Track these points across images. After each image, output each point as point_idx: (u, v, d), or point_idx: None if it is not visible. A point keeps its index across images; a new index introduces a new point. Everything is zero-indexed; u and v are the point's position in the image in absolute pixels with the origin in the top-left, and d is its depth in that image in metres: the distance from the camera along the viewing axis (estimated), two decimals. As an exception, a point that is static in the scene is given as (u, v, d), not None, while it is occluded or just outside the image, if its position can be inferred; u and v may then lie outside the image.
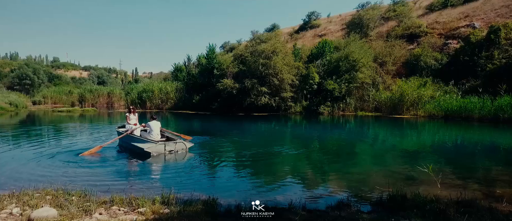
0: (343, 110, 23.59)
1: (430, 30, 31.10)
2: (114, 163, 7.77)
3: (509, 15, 27.90)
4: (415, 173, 6.37)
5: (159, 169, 7.40)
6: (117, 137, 9.83)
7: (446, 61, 24.99)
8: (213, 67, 27.62)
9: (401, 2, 39.24)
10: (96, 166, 7.31)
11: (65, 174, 6.38)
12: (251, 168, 7.41)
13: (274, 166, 7.67)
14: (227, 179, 6.29)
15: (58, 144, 10.48)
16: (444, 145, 10.55)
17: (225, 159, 8.30)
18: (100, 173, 6.55)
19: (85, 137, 12.39)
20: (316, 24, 48.01)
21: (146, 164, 7.69)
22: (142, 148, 8.25)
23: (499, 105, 15.27)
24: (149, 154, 8.17)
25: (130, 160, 8.09)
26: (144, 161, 7.88)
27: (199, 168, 7.22)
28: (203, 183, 5.92)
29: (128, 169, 7.32)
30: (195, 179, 6.14)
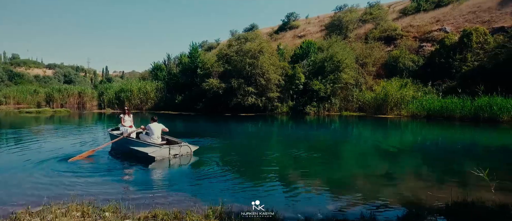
0: (328, 110, 23.95)
1: (405, 33, 32.51)
2: (114, 169, 7.17)
3: (475, 20, 29.81)
4: (448, 176, 6.45)
5: (171, 175, 6.89)
6: (111, 140, 9.11)
7: (423, 63, 26.22)
8: (197, 66, 26.89)
9: (376, 5, 40.76)
10: (96, 173, 6.68)
11: (63, 184, 5.74)
12: (268, 172, 7.14)
13: (298, 171, 7.47)
14: (254, 185, 5.98)
15: (41, 149, 9.52)
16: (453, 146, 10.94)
17: (233, 163, 7.96)
18: (104, 182, 5.96)
19: (70, 141, 11.41)
20: (295, 25, 48.52)
21: (152, 170, 7.17)
22: (145, 153, 7.71)
23: (478, 105, 16.21)
24: (153, 158, 7.65)
25: (131, 166, 7.50)
26: (148, 167, 7.34)
27: (214, 173, 6.82)
28: (230, 189, 5.59)
29: (135, 176, 6.78)
30: (219, 186, 5.76)
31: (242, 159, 8.44)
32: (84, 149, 9.34)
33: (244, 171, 7.04)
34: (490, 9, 30.63)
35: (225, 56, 24.99)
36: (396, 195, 5.33)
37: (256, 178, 6.47)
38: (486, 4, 31.50)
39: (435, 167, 7.63)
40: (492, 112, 15.40)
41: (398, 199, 5.09)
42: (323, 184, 6.15)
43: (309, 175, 6.95)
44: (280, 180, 6.35)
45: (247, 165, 7.78)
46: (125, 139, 8.78)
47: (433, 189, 5.48)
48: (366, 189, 5.77)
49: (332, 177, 6.80)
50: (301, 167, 7.76)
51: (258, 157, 8.89)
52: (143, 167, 7.33)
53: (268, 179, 6.35)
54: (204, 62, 26.78)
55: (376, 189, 5.80)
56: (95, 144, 10.52)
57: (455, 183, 5.99)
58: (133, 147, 8.29)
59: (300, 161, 8.35)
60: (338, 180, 6.61)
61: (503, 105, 15.19)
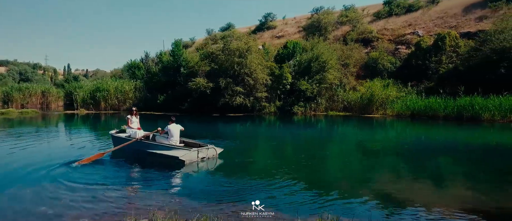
0: (314, 110, 24.27)
1: (380, 36, 33.96)
2: (141, 176, 6.55)
3: (443, 25, 31.94)
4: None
5: (214, 182, 6.32)
6: (122, 144, 8.34)
7: (400, 64, 27.56)
8: (180, 65, 25.87)
9: (351, 8, 42.20)
10: (124, 182, 6.05)
11: (88, 199, 5.06)
12: (300, 175, 6.94)
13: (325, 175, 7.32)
14: (298, 190, 5.75)
15: (33, 156, 8.50)
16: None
17: (261, 165, 7.69)
18: (137, 194, 5.39)
19: (64, 144, 10.33)
20: (273, 25, 48.73)
21: (188, 176, 6.73)
22: (175, 157, 7.21)
23: (460, 105, 17.33)
24: (183, 162, 7.19)
25: (158, 171, 6.99)
26: (177, 171, 6.88)
27: (254, 177, 6.49)
28: (290, 196, 5.31)
29: (175, 183, 6.25)
30: (281, 192, 5.44)
31: (277, 163, 8.18)
32: (84, 153, 8.48)
33: (299, 176, 6.73)
34: (456, 15, 33.01)
35: (211, 55, 24.32)
36: (397, 196, 5.49)
37: (321, 186, 6.23)
38: (452, 11, 33.93)
39: (417, 165, 8.04)
40: (474, 111, 16.55)
41: (400, 200, 5.23)
42: (326, 184, 6.19)
43: (315, 176, 6.91)
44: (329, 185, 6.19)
45: (292, 169, 7.45)
46: (142, 142, 8.19)
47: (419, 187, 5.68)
48: (360, 189, 5.91)
49: (336, 177, 6.91)
50: (311, 169, 7.70)
51: (299, 162, 8.63)
52: (172, 172, 6.86)
53: (334, 187, 6.16)
54: (188, 61, 25.86)
55: (374, 188, 5.94)
56: (95, 147, 9.62)
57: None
58: (155, 151, 7.75)
59: (313, 163, 8.28)
60: (340, 180, 6.69)
61: (484, 105, 16.40)
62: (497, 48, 18.48)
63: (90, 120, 20.96)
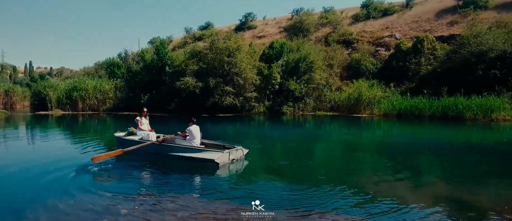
0: (302, 110, 24.47)
1: (360, 38, 35.07)
2: (170, 182, 6.10)
3: (418, 29, 33.65)
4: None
5: (265, 187, 5.96)
6: (143, 144, 7.80)
7: (381, 65, 28.61)
8: (165, 63, 24.89)
9: (331, 10, 43.23)
10: (156, 188, 5.60)
11: (133, 209, 4.62)
12: (333, 177, 6.86)
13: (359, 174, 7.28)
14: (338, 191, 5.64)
15: (34, 158, 7.76)
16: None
17: (290, 168, 7.55)
18: (188, 203, 5.01)
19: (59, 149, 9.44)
20: (253, 25, 48.64)
21: (229, 179, 6.43)
22: (211, 159, 6.97)
23: (445, 105, 18.28)
24: (218, 165, 6.94)
25: (193, 175, 6.67)
26: (216, 175, 6.65)
27: (290, 180, 6.30)
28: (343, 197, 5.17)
29: (231, 189, 5.85)
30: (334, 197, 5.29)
31: (299, 164, 7.99)
32: (83, 158, 7.80)
33: (326, 178, 6.62)
34: (429, 19, 34.91)
35: (199, 54, 23.66)
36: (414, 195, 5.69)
37: (363, 188, 6.13)
38: (425, 15, 35.86)
39: (401, 162, 8.33)
40: (458, 110, 17.53)
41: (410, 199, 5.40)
42: (324, 183, 6.17)
43: (321, 175, 6.86)
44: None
45: (319, 170, 7.39)
46: (163, 145, 7.76)
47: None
48: (354, 186, 5.96)
49: (336, 175, 6.95)
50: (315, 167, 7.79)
51: (315, 161, 8.53)
52: (212, 175, 6.59)
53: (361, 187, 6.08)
54: (173, 59, 24.97)
55: (373, 186, 6.06)
56: (99, 149, 8.88)
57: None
58: (184, 154, 7.39)
59: (315, 162, 8.28)
60: (339, 178, 6.68)
61: (467, 104, 17.43)
62: (475, 51, 19.73)
63: (68, 121, 19.55)
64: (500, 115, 16.72)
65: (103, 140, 11.81)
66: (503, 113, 16.78)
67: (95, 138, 12.05)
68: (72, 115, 23.14)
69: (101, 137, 12.93)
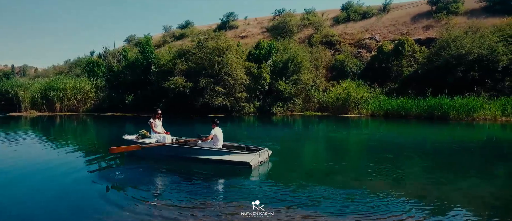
0: (291, 110, 24.63)
1: (342, 39, 35.97)
2: (211, 185, 5.87)
3: (396, 32, 35.09)
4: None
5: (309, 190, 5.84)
6: (163, 143, 7.52)
7: (364, 67, 29.51)
8: (150, 63, 23.96)
9: (312, 12, 43.97)
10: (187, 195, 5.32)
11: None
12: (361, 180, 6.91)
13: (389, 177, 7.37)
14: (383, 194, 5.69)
15: (34, 162, 7.16)
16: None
17: (312, 168, 7.51)
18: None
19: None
20: (235, 25, 48.30)
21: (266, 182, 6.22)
22: (245, 162, 6.81)
23: (430, 105, 19.19)
24: (251, 167, 6.81)
25: (228, 178, 6.49)
26: (251, 177, 6.56)
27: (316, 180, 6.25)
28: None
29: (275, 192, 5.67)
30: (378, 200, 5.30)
31: (329, 166, 8.00)
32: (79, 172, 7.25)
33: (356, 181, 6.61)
34: (406, 23, 36.54)
35: (187, 53, 23.03)
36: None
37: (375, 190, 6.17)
38: (402, 19, 37.50)
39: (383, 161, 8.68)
40: (443, 110, 18.47)
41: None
42: (321, 181, 6.34)
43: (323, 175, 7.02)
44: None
45: (342, 172, 7.37)
46: (186, 148, 7.51)
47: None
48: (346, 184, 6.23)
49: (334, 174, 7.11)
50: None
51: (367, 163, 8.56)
52: (245, 178, 6.44)
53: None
54: (159, 58, 24.12)
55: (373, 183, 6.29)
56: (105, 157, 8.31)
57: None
58: (215, 157, 7.15)
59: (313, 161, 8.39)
60: (336, 177, 6.86)
61: (451, 104, 18.41)
62: (455, 54, 20.91)
63: (47, 123, 18.25)
64: (481, 115, 17.84)
65: (99, 141, 11.12)
66: (483, 113, 17.91)
67: (90, 140, 11.31)
68: (49, 116, 21.61)
69: (95, 138, 12.18)
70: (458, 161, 8.72)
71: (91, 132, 15.64)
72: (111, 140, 11.58)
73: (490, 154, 9.94)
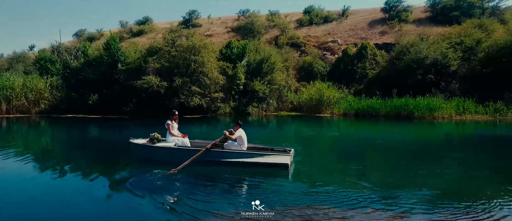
0: (265, 110, 24.82)
1: (306, 41, 37.27)
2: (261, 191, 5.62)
3: (355, 36, 37.43)
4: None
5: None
6: (197, 154, 6.92)
7: (329, 68, 30.93)
8: (117, 60, 22.19)
9: (276, 14, 44.79)
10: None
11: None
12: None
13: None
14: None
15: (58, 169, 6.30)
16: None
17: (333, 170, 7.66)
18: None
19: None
20: (198, 23, 47.09)
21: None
22: (283, 163, 6.73)
23: (397, 105, 20.83)
24: (288, 167, 6.73)
25: (266, 180, 6.23)
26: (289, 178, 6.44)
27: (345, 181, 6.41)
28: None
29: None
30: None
31: (351, 166, 8.12)
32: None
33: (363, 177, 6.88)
34: (363, 28, 39.16)
35: (160, 51, 21.83)
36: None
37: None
38: (360, 25, 40.11)
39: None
40: (408, 110, 20.18)
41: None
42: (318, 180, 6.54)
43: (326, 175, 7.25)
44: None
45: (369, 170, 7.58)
46: (217, 152, 7.13)
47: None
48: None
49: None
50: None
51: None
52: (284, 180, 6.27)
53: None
54: (127, 55, 22.50)
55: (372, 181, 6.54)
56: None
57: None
58: (248, 159, 6.93)
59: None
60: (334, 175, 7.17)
61: (416, 104, 20.20)
62: (414, 58, 22.99)
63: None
64: (440, 114, 19.88)
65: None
66: (441, 112, 19.99)
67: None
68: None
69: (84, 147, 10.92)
70: (421, 154, 9.56)
71: (61, 138, 13.97)
72: (100, 147, 10.57)
73: (445, 148, 11.09)
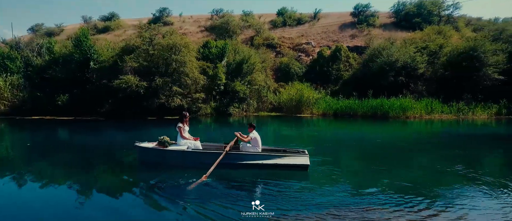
0: (245, 111, 24.74)
1: (281, 43, 37.79)
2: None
3: (328, 39, 38.71)
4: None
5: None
6: (220, 158, 6.62)
7: (305, 70, 31.66)
8: (89, 58, 20.71)
9: (250, 15, 44.84)
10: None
11: None
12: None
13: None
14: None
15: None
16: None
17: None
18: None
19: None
20: (169, 21, 45.65)
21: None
22: (304, 165, 6.78)
23: (373, 105, 21.87)
24: (307, 169, 6.78)
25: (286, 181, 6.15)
26: (309, 180, 6.38)
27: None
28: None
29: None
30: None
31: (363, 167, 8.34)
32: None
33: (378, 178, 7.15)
34: (334, 31, 40.63)
35: (137, 49, 20.77)
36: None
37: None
38: (331, 28, 41.56)
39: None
40: (384, 110, 21.30)
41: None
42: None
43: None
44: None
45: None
46: (235, 154, 6.96)
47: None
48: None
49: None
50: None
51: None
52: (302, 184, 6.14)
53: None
54: (100, 53, 21.13)
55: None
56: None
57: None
58: (268, 161, 6.85)
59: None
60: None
61: (391, 105, 21.38)
62: (387, 61, 24.34)
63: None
64: (412, 113, 21.25)
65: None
66: (413, 112, 21.38)
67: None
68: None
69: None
70: (392, 151, 10.41)
71: (43, 142, 12.71)
72: (105, 150, 9.86)
73: (416, 147, 11.90)
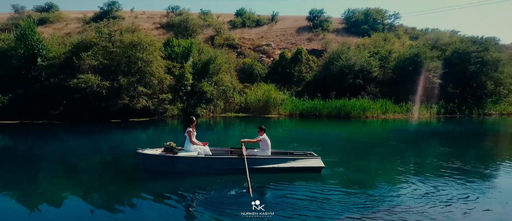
0: (212, 112, 24.22)
1: (241, 43, 37.84)
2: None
3: (286, 41, 39.92)
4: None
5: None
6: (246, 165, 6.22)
7: (268, 71, 32.16)
8: (35, 54, 18.16)
9: (208, 14, 43.97)
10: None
11: None
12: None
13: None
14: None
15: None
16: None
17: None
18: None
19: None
20: (120, 16, 42.45)
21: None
22: (319, 167, 6.88)
23: (336, 106, 23.11)
24: (321, 171, 6.86)
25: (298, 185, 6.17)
26: (325, 182, 6.44)
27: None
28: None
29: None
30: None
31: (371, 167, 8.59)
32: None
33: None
34: (292, 34, 42.02)
35: (95, 46, 18.86)
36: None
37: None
38: (289, 31, 42.87)
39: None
40: (346, 110, 22.65)
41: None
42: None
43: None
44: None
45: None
46: (250, 159, 6.63)
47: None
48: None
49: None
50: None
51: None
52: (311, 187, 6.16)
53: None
54: (49, 49, 18.74)
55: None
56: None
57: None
58: (281, 165, 6.80)
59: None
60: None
61: (352, 105, 22.82)
62: (346, 64, 25.97)
63: None
64: (370, 113, 23.00)
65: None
66: (371, 112, 23.15)
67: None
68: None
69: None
70: (352, 147, 11.54)
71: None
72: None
73: (375, 141, 13.47)
